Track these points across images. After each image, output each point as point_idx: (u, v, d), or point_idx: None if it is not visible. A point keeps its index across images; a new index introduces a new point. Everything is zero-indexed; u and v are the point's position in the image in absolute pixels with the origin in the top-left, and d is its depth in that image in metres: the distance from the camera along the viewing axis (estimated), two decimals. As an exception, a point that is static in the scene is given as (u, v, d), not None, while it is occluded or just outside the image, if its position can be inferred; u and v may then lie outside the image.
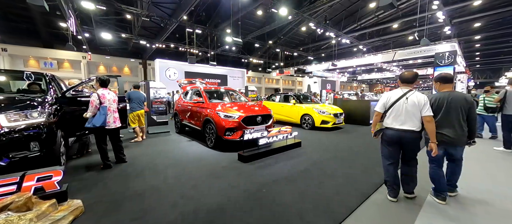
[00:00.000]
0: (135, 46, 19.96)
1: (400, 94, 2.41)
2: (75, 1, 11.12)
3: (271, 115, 4.97)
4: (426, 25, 16.61)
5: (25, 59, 17.08)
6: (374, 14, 20.42)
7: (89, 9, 12.36)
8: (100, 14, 15.56)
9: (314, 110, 7.17)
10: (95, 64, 19.98)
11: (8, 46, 16.21)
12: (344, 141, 5.59)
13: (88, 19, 14.89)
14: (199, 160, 3.85)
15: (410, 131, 2.32)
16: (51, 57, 17.98)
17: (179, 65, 19.94)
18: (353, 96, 11.14)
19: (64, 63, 18.60)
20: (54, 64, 18.11)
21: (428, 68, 31.23)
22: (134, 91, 5.32)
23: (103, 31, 14.87)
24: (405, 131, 2.34)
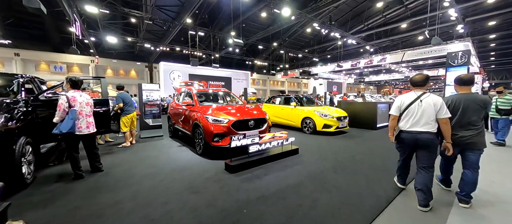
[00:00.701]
0: (141, 49, 20.07)
1: (414, 97, 2.39)
2: (79, 5, 11.12)
3: (265, 119, 4.51)
4: (437, 24, 15.65)
5: (37, 63, 17.46)
6: (382, 14, 19.59)
7: (94, 13, 12.40)
8: (106, 18, 15.71)
9: (316, 113, 6.65)
10: (102, 68, 20.22)
11: (21, 51, 16.61)
12: (347, 147, 5.04)
13: (95, 24, 15.01)
14: (182, 170, 3.45)
15: (426, 132, 2.28)
16: (61, 61, 18.31)
17: (183, 68, 19.86)
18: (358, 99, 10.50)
19: (73, 67, 18.90)
20: (64, 68, 18.44)
21: (439, 69, 29.79)
22: (122, 92, 5.01)
23: (109, 35, 14.94)
24: (420, 132, 2.30)
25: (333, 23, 19.33)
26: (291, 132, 7.11)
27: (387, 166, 3.68)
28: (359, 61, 24.17)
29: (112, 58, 20.31)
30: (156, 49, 18.34)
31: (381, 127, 7.90)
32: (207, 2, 14.98)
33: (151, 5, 13.80)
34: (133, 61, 21.53)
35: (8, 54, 16.10)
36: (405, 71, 31.42)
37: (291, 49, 25.41)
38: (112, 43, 16.73)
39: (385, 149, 4.79)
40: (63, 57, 18.31)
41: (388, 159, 4.09)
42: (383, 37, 23.21)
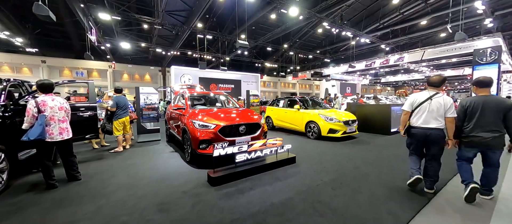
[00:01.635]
0: (155, 54, 20.58)
1: (427, 96, 2.56)
2: (93, 13, 11.53)
3: (259, 124, 4.07)
4: (461, 19, 14.04)
5: (61, 69, 18.55)
6: (399, 11, 18.22)
7: (107, 20, 12.81)
8: (121, 25, 16.27)
9: (320, 117, 6.07)
10: (119, 73, 21.02)
11: (47, 58, 17.75)
12: (353, 155, 4.43)
13: (110, 30, 15.57)
14: (163, 180, 3.12)
15: (435, 128, 2.48)
16: (82, 67, 19.30)
17: (194, 71, 20.00)
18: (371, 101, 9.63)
19: (93, 72, 19.84)
20: (85, 73, 19.41)
21: (465, 68, 27.22)
22: (119, 96, 4.86)
23: (123, 41, 15.41)
24: (430, 129, 2.50)
25: (345, 23, 18.39)
26: (294, 137, 6.59)
27: (397, 180, 3.06)
28: (374, 61, 22.79)
29: (128, 63, 21.05)
30: (167, 53, 18.67)
31: (396, 131, 7.07)
32: (214, 6, 14.94)
33: (161, 11, 14.01)
34: (147, 66, 22.17)
35: (36, 62, 17.26)
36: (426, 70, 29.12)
37: (301, 51, 24.67)
38: (127, 49, 17.29)
39: (398, 159, 4.13)
40: (84, 63, 19.27)
41: (400, 170, 3.45)
42: (401, 36, 21.62)
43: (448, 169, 3.29)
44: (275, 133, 7.45)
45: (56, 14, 8.11)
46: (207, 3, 12.06)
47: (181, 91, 5.67)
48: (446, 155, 2.66)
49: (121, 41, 15.44)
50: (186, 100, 4.57)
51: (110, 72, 20.25)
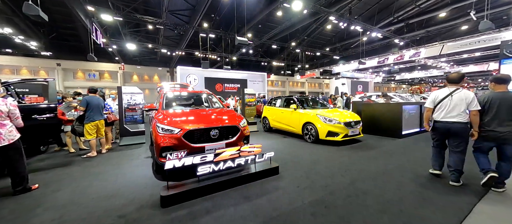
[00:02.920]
0: (162, 55, 20.58)
1: (447, 92, 2.70)
2: (95, 15, 11.48)
3: (237, 127, 3.40)
4: (487, 9, 12.28)
5: (74, 71, 19.08)
6: (415, 4, 16.56)
7: (109, 21, 12.77)
8: (129, 27, 16.32)
9: (318, 117, 5.26)
10: (129, 74, 21.30)
11: (61, 61, 18.32)
12: (352, 164, 3.63)
13: (117, 32, 15.65)
14: (111, 197, 2.56)
15: (457, 122, 2.59)
16: (94, 69, 19.73)
17: (199, 71, 19.72)
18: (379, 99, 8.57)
19: (104, 74, 20.25)
20: (97, 75, 19.85)
21: (490, 63, 24.58)
22: (92, 96, 4.43)
23: (130, 43, 15.41)
24: (452, 122, 2.62)
25: (356, 18, 17.08)
26: (291, 140, 5.85)
27: (405, 204, 2.27)
28: (388, 57, 21.17)
29: (137, 64, 21.26)
30: (172, 54, 18.53)
31: (408, 134, 6.07)
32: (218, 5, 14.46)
33: (165, 11, 13.76)
34: (155, 67, 22.28)
35: (51, 64, 17.87)
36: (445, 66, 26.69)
37: (310, 48, 23.52)
38: (133, 50, 17.37)
39: (407, 170, 3.27)
40: (96, 65, 19.70)
41: (409, 188, 2.63)
42: (417, 29, 19.77)
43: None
44: (271, 134, 6.74)
45: (66, 17, 7.91)
46: (208, 1, 11.57)
47: (163, 90, 5.15)
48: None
49: (128, 43, 15.43)
50: (161, 99, 4.02)
51: (120, 73, 20.56)
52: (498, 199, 2.37)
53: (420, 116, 6.57)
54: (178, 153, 2.58)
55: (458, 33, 20.14)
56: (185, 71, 19.53)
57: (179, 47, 18.32)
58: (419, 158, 3.94)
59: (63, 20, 15.66)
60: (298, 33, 20.76)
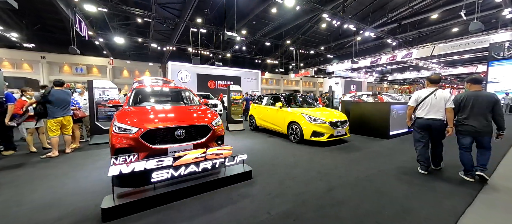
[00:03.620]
0: (154, 50, 19.92)
1: (428, 92, 3.00)
2: (78, 5, 10.83)
3: (208, 126, 3.05)
4: (477, 12, 12.25)
5: (60, 65, 18.25)
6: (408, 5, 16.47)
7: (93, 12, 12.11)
8: (117, 19, 15.63)
9: (303, 116, 4.97)
10: (119, 69, 20.57)
11: (47, 54, 17.45)
12: (333, 168, 3.34)
13: (103, 24, 14.95)
14: (48, 207, 2.17)
15: (437, 119, 2.91)
16: (82, 63, 18.94)
17: (192, 67, 19.17)
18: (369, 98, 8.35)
19: (92, 68, 19.47)
20: (84, 70, 19.06)
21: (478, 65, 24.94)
22: (57, 90, 4.00)
23: (118, 36, 14.73)
24: (433, 119, 2.93)
25: (350, 17, 16.86)
26: (276, 139, 5.55)
27: (380, 216, 1.98)
28: (380, 57, 21.12)
29: (126, 59, 20.53)
30: (162, 49, 17.93)
31: (396, 135, 5.85)
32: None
33: (154, 3, 13.17)
34: (146, 62, 21.59)
35: (35, 57, 16.99)
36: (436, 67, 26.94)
37: (305, 47, 23.23)
38: (123, 44, 16.67)
39: (389, 175, 3.01)
40: (83, 59, 18.91)
41: (391, 197, 2.35)
42: (410, 30, 19.75)
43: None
44: (257, 134, 6.43)
45: (49, 8, 7.24)
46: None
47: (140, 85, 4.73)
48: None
49: (116, 36, 14.75)
50: (129, 94, 3.63)
51: (109, 68, 19.82)
52: (487, 204, 2.13)
53: (408, 116, 6.37)
54: (128, 157, 2.21)
55: (449, 35, 20.25)
56: (177, 67, 18.97)
57: (170, 42, 17.72)
58: (404, 161, 3.69)
59: (47, 10, 14.84)
60: (292, 31, 20.45)
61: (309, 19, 18.37)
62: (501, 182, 2.79)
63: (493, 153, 2.82)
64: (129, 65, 20.80)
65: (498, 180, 2.87)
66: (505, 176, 3.05)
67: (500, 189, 2.61)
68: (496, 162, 3.51)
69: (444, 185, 2.69)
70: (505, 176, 3.05)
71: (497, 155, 3.80)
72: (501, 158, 3.79)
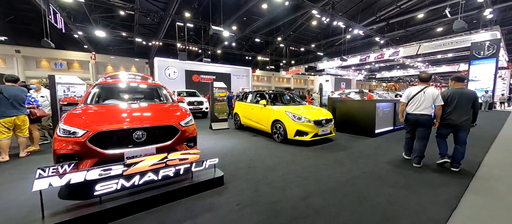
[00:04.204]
0: (140, 45, 18.99)
1: (419, 89, 3.20)
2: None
3: (174, 127, 2.69)
4: (460, 13, 12.47)
5: (38, 60, 17.03)
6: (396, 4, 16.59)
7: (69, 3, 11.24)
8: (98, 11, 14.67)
9: (287, 115, 4.70)
10: (103, 65, 19.51)
11: (21, 48, 16.18)
12: (313, 170, 3.10)
13: (83, 17, 13.97)
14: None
15: (425, 114, 3.11)
16: (62, 58, 17.78)
17: (179, 64, 18.46)
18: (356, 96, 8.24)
19: (73, 64, 18.34)
20: (64, 65, 17.92)
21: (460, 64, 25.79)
22: (7, 86, 3.49)
23: (99, 30, 13.81)
24: (421, 114, 3.13)
25: (340, 14, 16.75)
26: (260, 138, 5.27)
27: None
28: (369, 55, 21.29)
29: (110, 54, 19.48)
30: (148, 43, 17.12)
31: (381, 133, 5.72)
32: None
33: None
34: (132, 58, 20.62)
35: (9, 51, 15.73)
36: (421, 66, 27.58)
37: (296, 44, 23.00)
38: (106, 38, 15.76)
39: (373, 178, 2.79)
40: (63, 54, 17.75)
41: (369, 204, 2.11)
42: (397, 29, 20.02)
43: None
44: (241, 133, 6.12)
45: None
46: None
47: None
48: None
49: (97, 30, 13.83)
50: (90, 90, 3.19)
51: (92, 64, 18.74)
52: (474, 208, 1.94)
53: (394, 114, 6.27)
54: (61, 166, 1.83)
55: (434, 34, 20.71)
56: (164, 63, 18.20)
57: (156, 37, 16.94)
58: (388, 161, 3.51)
59: (20, 1, 13.69)
60: (283, 27, 20.15)
61: (300, 16, 18.15)
62: (491, 171, 3.09)
63: (479, 147, 3.58)
64: (114, 60, 19.77)
65: (484, 172, 3.08)
66: (491, 166, 3.35)
67: (489, 178, 2.83)
68: (483, 154, 3.89)
69: (428, 189, 2.50)
70: (492, 166, 3.35)
71: (483, 147, 4.28)
72: (486, 150, 4.11)
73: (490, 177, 2.85)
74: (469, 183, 2.63)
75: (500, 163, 3.44)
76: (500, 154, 3.95)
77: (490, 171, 3.09)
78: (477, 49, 15.28)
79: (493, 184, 2.63)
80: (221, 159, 3.59)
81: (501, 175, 2.91)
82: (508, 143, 4.84)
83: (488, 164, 3.38)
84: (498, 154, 3.96)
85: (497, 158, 3.72)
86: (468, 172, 3.00)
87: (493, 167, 3.26)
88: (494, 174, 2.96)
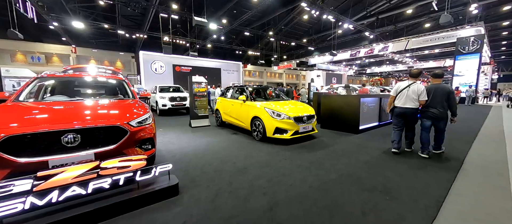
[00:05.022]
0: (125, 38, 17.96)
1: (406, 84, 3.42)
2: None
3: (121, 128, 2.26)
4: (447, 8, 12.40)
5: (12, 53, 15.79)
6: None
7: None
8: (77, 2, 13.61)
9: (266, 111, 4.34)
10: (85, 59, 18.38)
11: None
12: (287, 174, 2.76)
13: (59, 7, 12.91)
14: None
15: (410, 108, 3.35)
16: (39, 51, 16.57)
17: (166, 58, 17.62)
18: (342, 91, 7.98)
19: (52, 57, 17.16)
20: (42, 59, 16.73)
21: (446, 60, 26.23)
22: None
23: (76, 21, 12.81)
24: (407, 108, 3.38)
25: (332, 8, 16.37)
26: (240, 137, 4.91)
27: None
28: (359, 50, 21.16)
29: (93, 48, 18.36)
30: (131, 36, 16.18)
31: (366, 129, 5.48)
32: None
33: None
34: (117, 52, 19.56)
35: (-22, 43, 14.44)
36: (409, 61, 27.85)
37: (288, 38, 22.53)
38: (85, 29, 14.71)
39: (350, 181, 2.48)
40: (41, 47, 16.54)
41: (342, 216, 1.79)
42: (387, 25, 19.96)
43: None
44: (221, 130, 5.73)
45: None
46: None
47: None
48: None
49: (73, 20, 12.83)
50: (22, 86, 2.69)
51: (73, 57, 17.61)
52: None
53: (379, 109, 6.04)
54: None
55: (422, 30, 20.80)
56: (149, 57, 17.32)
57: (141, 29, 16.03)
58: (368, 160, 3.23)
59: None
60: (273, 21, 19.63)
61: (292, 10, 17.66)
62: (475, 161, 3.25)
63: (465, 139, 4.10)
64: (97, 54, 18.68)
65: (471, 162, 3.23)
66: (477, 155, 3.55)
67: (474, 170, 2.90)
68: (469, 145, 4.07)
69: (409, 194, 2.22)
70: (477, 155, 3.56)
71: (469, 139, 4.46)
72: (471, 142, 4.27)
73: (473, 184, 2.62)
74: (450, 186, 2.38)
75: (485, 160, 3.24)
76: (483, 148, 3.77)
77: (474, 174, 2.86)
78: (462, 44, 15.39)
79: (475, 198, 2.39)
80: (188, 161, 3.21)
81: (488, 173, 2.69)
82: (492, 137, 4.70)
83: (471, 166, 3.17)
84: (482, 148, 3.78)
85: (481, 153, 3.53)
86: (452, 169, 2.76)
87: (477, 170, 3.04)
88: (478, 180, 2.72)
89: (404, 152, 3.62)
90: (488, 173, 2.77)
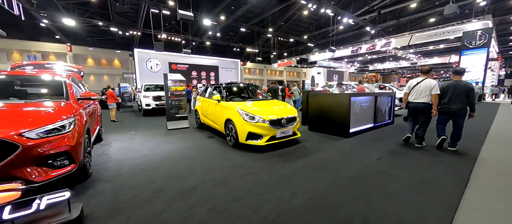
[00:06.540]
0: (121, 36, 17.51)
1: (418, 80, 3.60)
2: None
3: (9, 142, 1.68)
4: (452, 2, 11.35)
5: (8, 52, 15.57)
6: (389, -7, 15.34)
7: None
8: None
9: (239, 112, 3.70)
10: (81, 57, 18.08)
11: (-11, 39, 14.65)
12: (244, 195, 2.14)
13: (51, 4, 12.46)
14: None
15: (423, 103, 3.52)
16: (35, 50, 16.31)
17: (162, 55, 17.11)
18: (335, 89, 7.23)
19: (49, 56, 16.87)
20: (39, 57, 16.46)
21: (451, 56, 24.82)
22: None
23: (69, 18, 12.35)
24: (419, 103, 3.56)
25: (332, 3, 15.43)
26: (214, 142, 4.30)
27: None
28: (361, 47, 20.14)
29: (89, 46, 17.99)
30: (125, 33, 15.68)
31: (358, 131, 4.78)
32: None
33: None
34: (113, 50, 19.16)
35: (-27, 42, 14.22)
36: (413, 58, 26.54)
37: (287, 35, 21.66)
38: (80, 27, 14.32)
39: (320, 208, 1.83)
40: (37, 45, 16.28)
41: None
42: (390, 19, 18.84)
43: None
44: (199, 133, 5.15)
45: None
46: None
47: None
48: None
49: (65, 18, 12.37)
50: None
51: (70, 56, 17.30)
52: None
53: (375, 109, 5.32)
54: None
55: (426, 25, 19.56)
56: (145, 55, 16.85)
57: (136, 27, 15.51)
58: (351, 175, 2.57)
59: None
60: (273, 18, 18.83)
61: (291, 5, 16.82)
62: (490, 156, 3.24)
63: (474, 135, 4.10)
64: (93, 52, 18.32)
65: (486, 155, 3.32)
66: (490, 151, 3.59)
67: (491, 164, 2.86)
68: (482, 140, 4.10)
69: None
70: (490, 151, 3.59)
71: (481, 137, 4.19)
72: (483, 139, 4.26)
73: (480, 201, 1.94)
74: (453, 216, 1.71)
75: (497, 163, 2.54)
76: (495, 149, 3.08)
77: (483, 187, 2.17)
78: (468, 38, 14.30)
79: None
80: (132, 176, 2.61)
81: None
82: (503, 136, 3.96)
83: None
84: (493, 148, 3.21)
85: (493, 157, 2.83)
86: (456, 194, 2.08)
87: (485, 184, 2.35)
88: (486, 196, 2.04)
89: (403, 159, 3.16)
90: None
